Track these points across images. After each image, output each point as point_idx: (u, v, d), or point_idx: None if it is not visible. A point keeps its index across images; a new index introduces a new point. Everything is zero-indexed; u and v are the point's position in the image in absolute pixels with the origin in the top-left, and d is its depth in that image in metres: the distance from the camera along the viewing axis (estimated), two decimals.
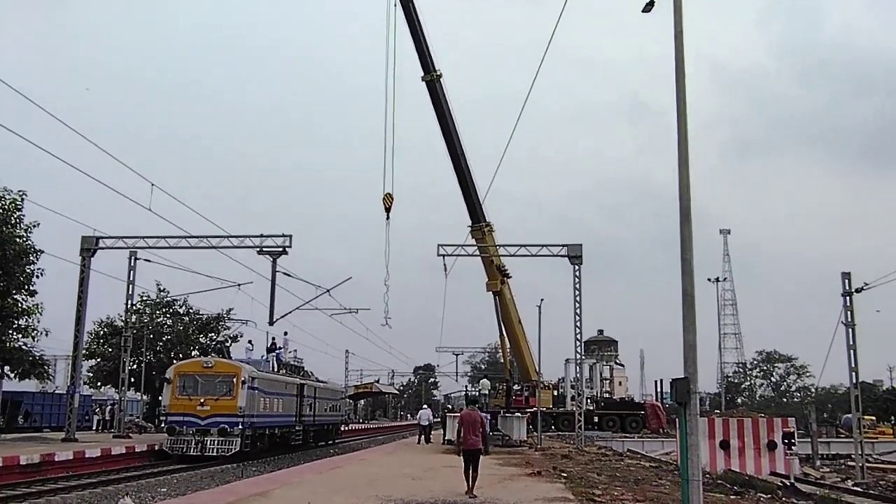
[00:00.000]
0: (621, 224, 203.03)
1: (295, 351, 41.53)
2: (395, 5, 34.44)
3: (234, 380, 29.41)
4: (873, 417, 67.12)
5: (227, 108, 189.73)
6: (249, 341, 38.10)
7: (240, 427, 28.72)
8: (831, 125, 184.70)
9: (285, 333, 40.79)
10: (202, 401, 28.89)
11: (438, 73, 36.47)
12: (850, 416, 37.34)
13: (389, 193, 33.43)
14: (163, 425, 32.16)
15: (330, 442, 44.59)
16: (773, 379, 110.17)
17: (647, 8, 11.11)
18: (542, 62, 17.90)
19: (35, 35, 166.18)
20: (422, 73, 36.53)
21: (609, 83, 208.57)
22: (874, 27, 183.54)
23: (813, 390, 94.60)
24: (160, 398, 49.81)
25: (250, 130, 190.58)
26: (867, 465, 30.82)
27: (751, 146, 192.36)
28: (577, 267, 35.99)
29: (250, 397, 29.64)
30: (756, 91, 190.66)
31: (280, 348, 38.87)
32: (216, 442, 28.31)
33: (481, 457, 15.93)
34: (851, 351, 30.15)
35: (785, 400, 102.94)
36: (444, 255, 36.29)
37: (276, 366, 36.82)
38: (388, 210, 33.43)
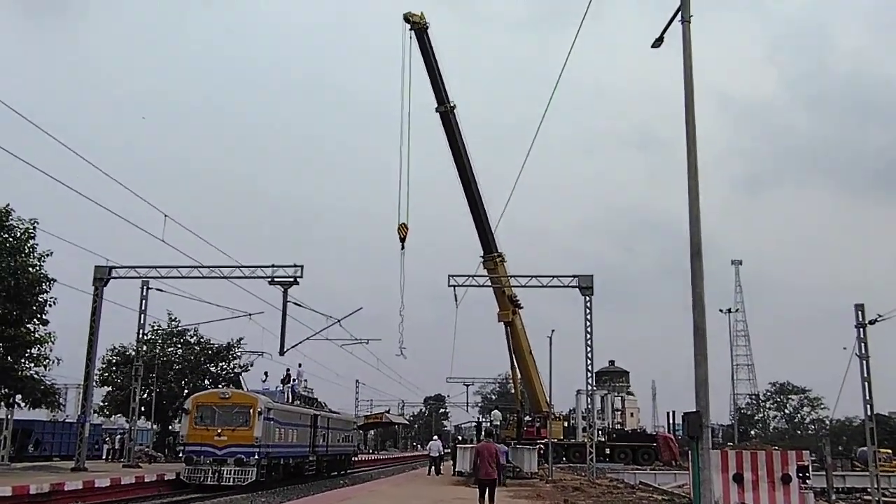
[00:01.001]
0: (633, 255, 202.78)
1: (305, 381, 41.49)
2: (411, 38, 34.80)
3: (251, 411, 29.87)
4: (889, 451, 66.17)
5: (241, 137, 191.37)
6: (265, 372, 38.22)
7: (256, 457, 29.11)
8: (842, 155, 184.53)
9: (299, 365, 41.07)
10: (219, 431, 29.37)
11: (452, 105, 36.74)
12: (865, 448, 36.86)
13: (404, 223, 33.61)
14: (180, 455, 32.59)
15: (342, 472, 44.62)
16: (786, 411, 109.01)
17: (657, 43, 11.22)
18: (554, 92, 18.08)
19: (46, 63, 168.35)
20: (436, 105, 36.76)
21: (620, 114, 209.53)
22: (883, 57, 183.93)
23: (827, 422, 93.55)
24: (170, 427, 49.99)
25: (263, 160, 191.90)
26: (884, 499, 30.41)
27: (761, 177, 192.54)
28: (587, 298, 35.92)
29: (266, 428, 30.02)
30: (766, 122, 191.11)
31: (294, 380, 39.04)
32: (233, 472, 28.74)
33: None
34: (866, 383, 29.89)
35: (799, 432, 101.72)
36: (454, 286, 36.35)
37: (290, 397, 37.01)
38: (402, 240, 33.61)
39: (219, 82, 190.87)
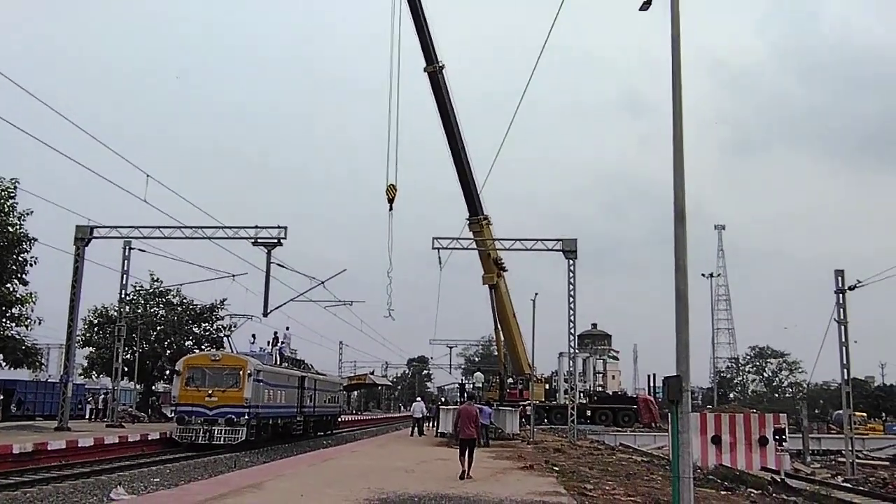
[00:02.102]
0: (618, 220, 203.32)
1: (288, 342, 41.69)
2: None
3: (241, 372, 30.64)
4: (864, 414, 67.44)
5: (226, 103, 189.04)
6: (253, 335, 38.49)
7: (246, 417, 29.99)
8: (830, 122, 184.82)
9: (287, 328, 41.75)
10: (210, 392, 30.17)
11: (441, 65, 36.24)
12: (841, 412, 37.51)
13: (393, 185, 33.40)
14: (171, 415, 33.41)
15: (329, 432, 45.60)
16: (765, 374, 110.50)
17: (645, 6, 11.10)
18: (541, 57, 17.91)
19: (32, 25, 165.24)
20: (424, 65, 36.30)
21: (608, 79, 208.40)
22: (872, 24, 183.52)
23: (805, 386, 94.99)
24: (154, 388, 50.08)
25: (247, 125, 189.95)
26: (857, 461, 31.06)
27: (749, 143, 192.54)
28: (571, 261, 36.12)
29: (256, 389, 30.83)
30: (755, 88, 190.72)
31: (282, 342, 39.69)
32: (223, 431, 29.61)
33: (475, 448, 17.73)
34: (843, 348, 30.36)
35: (777, 396, 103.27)
36: (438, 249, 36.36)
37: (278, 359, 37.71)
38: (391, 201, 33.43)
39: (206, 45, 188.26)
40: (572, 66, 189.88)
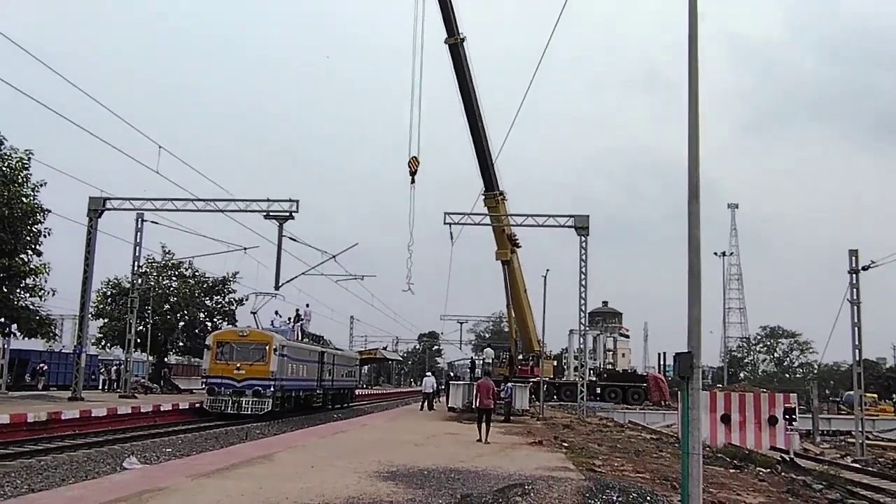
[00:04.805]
0: (634, 196, 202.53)
1: (309, 317, 42.18)
2: None
3: (267, 347, 32.31)
4: (875, 395, 67.34)
5: (241, 63, 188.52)
6: (276, 311, 39.04)
7: (271, 389, 31.69)
8: (847, 100, 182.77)
9: (307, 305, 42.59)
10: (238, 365, 31.88)
11: (462, 37, 35.80)
12: (851, 393, 37.42)
13: (415, 157, 33.19)
14: (203, 386, 35.15)
15: (345, 405, 47.25)
16: (776, 354, 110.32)
17: None
18: (557, 26, 17.65)
19: None
20: (445, 36, 35.87)
21: (626, 52, 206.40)
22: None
23: (816, 367, 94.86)
24: (165, 359, 50.43)
25: (263, 94, 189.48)
26: (867, 442, 30.98)
27: (764, 120, 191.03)
28: (583, 238, 35.96)
29: (280, 363, 32.45)
30: (772, 64, 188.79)
31: (303, 319, 40.65)
32: (250, 402, 31.35)
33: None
34: (856, 328, 30.17)
35: (787, 376, 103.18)
36: (450, 224, 36.24)
37: (300, 335, 39.05)
38: (413, 174, 33.27)
39: (223, 13, 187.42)
40: (588, 41, 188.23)
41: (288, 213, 33.35)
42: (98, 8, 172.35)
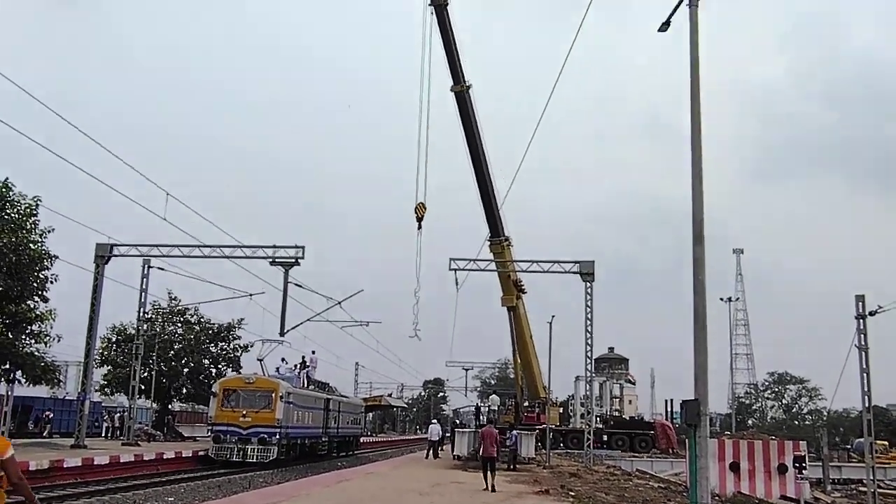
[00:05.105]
0: (638, 242, 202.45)
1: (315, 364, 42.10)
2: (431, 13, 34.35)
3: (273, 395, 32.22)
4: (886, 442, 66.34)
5: (249, 109, 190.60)
6: (283, 358, 39.06)
7: (277, 437, 31.53)
8: (851, 146, 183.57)
9: (313, 352, 42.58)
10: (244, 413, 31.74)
11: (468, 85, 36.18)
12: (862, 440, 36.96)
13: (422, 203, 33.35)
14: (208, 434, 34.95)
15: (350, 453, 46.94)
16: (784, 401, 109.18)
17: (663, 27, 11.13)
18: (561, 73, 17.95)
19: (47, 34, 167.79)
20: (451, 84, 36.26)
21: (631, 101, 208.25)
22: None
23: (825, 413, 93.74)
24: (169, 406, 50.15)
25: (271, 137, 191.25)
26: (879, 490, 30.51)
27: (769, 166, 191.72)
28: (588, 284, 35.95)
29: (286, 411, 32.37)
30: (775, 110, 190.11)
31: (309, 366, 40.59)
32: (256, 450, 31.12)
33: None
34: (864, 374, 29.90)
35: (796, 423, 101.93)
36: (455, 270, 36.28)
37: (306, 382, 38.89)
38: (420, 220, 33.38)
39: (230, 57, 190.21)
40: (593, 91, 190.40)
41: (294, 260, 33.45)
42: (107, 54, 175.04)
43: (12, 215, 30.52)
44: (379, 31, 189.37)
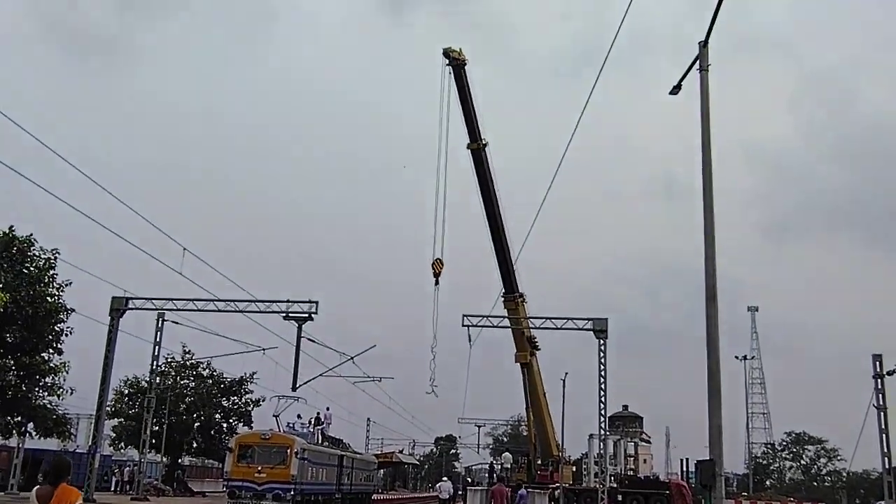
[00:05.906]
0: (653, 301, 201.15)
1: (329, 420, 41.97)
2: (449, 74, 34.89)
3: (288, 451, 31.95)
4: None
5: (273, 164, 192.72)
6: (298, 414, 38.99)
7: (291, 493, 31.28)
8: (865, 205, 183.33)
9: (327, 408, 42.38)
10: (259, 468, 31.49)
11: (485, 142, 36.60)
12: (882, 502, 36.17)
13: (439, 259, 33.53)
14: (223, 489, 35.09)
15: None
16: (802, 461, 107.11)
17: (674, 91, 11.35)
18: (575, 132, 18.20)
19: (69, 87, 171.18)
20: (468, 141, 36.62)
21: (643, 162, 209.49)
22: None
23: (845, 475, 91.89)
24: (180, 461, 49.83)
25: (289, 194, 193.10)
26: None
27: (782, 225, 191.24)
28: (602, 341, 35.79)
29: (301, 467, 32.17)
30: (789, 172, 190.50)
31: (323, 422, 40.40)
32: None
33: None
34: (884, 435, 29.49)
35: (815, 484, 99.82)
36: (468, 326, 36.26)
37: (320, 438, 38.81)
38: (437, 276, 33.52)
39: (246, 113, 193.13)
40: (606, 151, 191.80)
41: (307, 315, 33.58)
42: (118, 110, 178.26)
43: (32, 269, 30.87)
44: (399, 87, 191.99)
